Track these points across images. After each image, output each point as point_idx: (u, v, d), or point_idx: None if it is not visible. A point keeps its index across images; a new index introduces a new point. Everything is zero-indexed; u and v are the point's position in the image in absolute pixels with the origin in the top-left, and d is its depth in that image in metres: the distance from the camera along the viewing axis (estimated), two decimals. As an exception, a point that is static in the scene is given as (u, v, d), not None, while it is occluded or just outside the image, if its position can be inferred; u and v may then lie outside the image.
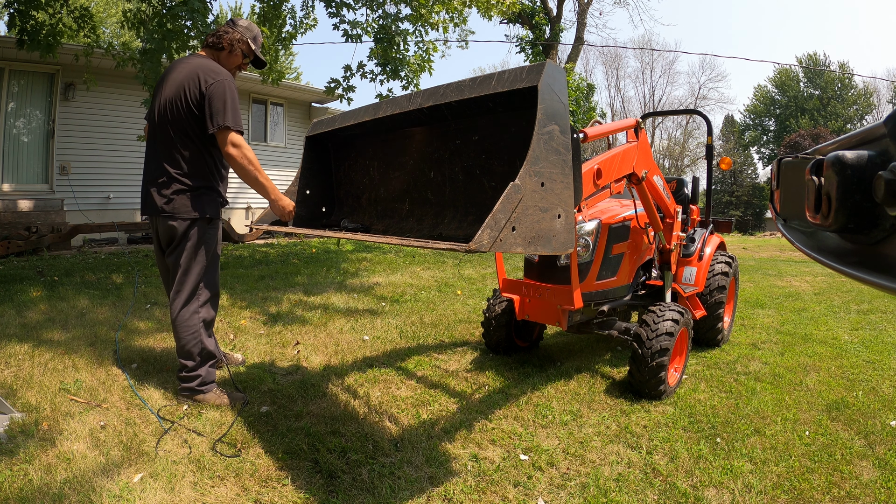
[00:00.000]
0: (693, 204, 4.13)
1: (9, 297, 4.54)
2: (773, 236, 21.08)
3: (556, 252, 1.53)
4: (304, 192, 2.57)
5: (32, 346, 3.32)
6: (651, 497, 2.03)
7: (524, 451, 2.35)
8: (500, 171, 1.91)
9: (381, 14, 6.84)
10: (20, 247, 6.99)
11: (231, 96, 2.52)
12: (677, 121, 36.75)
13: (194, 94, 2.52)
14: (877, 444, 2.49)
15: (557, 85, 1.50)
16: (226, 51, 2.74)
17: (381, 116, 2.08)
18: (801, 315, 5.36)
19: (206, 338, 2.68)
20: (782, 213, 1.00)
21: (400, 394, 2.96)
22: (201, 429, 2.41)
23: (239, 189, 11.76)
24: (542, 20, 17.43)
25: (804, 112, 36.30)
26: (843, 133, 2.31)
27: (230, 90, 2.54)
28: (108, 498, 1.86)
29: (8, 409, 2.33)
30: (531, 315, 3.32)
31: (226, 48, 2.74)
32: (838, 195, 0.60)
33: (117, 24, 21.66)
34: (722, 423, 2.69)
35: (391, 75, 6.80)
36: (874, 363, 3.74)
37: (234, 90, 2.56)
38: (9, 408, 2.34)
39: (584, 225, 3.10)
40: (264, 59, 2.90)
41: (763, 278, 7.93)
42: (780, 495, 2.06)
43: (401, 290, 5.99)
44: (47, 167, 9.03)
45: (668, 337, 2.87)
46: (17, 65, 8.52)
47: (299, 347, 3.72)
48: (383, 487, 2.00)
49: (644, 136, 2.96)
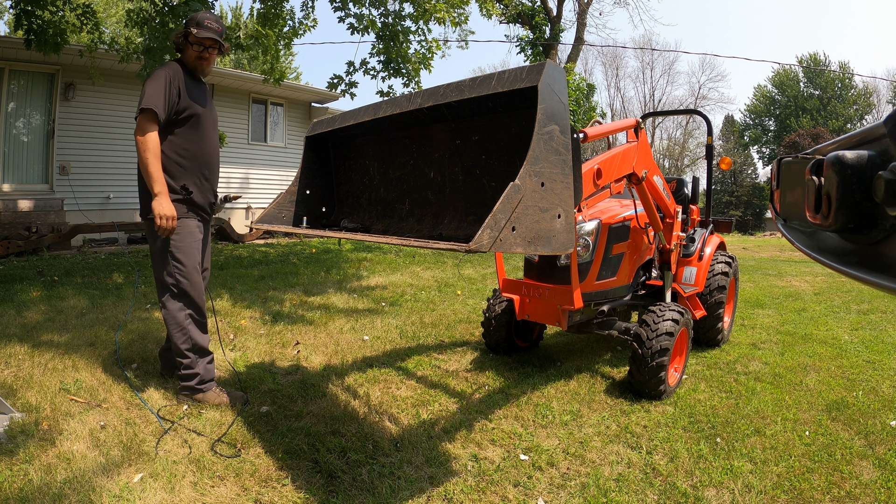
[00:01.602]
0: (693, 204, 4.13)
1: (9, 297, 4.54)
2: (773, 236, 21.08)
3: (556, 252, 1.53)
4: (304, 192, 2.57)
5: (32, 346, 3.32)
6: (651, 497, 2.03)
7: (524, 451, 2.35)
8: (500, 171, 1.91)
9: (384, 12, 6.85)
10: (20, 247, 6.99)
11: (149, 81, 2.54)
12: (677, 121, 36.76)
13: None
14: (877, 444, 2.49)
15: (557, 85, 1.50)
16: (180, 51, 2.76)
17: (381, 116, 2.08)
18: (801, 315, 5.36)
19: (195, 332, 2.68)
20: (782, 213, 1.00)
21: (400, 394, 2.96)
22: (201, 429, 2.41)
23: (239, 189, 11.77)
24: (542, 20, 17.42)
25: (804, 112, 36.30)
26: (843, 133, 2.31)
27: (152, 77, 2.55)
28: (108, 498, 1.86)
29: (8, 409, 2.33)
30: (531, 315, 3.32)
31: (178, 48, 2.76)
32: (838, 195, 0.60)
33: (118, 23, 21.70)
34: (722, 423, 2.68)
35: (393, 73, 6.83)
36: (874, 363, 3.74)
37: (160, 77, 2.54)
38: (9, 408, 2.34)
39: (584, 225, 3.10)
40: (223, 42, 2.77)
41: (763, 278, 7.93)
42: (780, 495, 2.06)
43: (401, 290, 5.99)
44: (47, 167, 9.03)
45: (668, 337, 2.87)
46: (17, 65, 8.52)
47: (299, 347, 3.72)
48: (383, 487, 2.00)
49: (644, 136, 2.96)
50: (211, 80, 10.82)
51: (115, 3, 22.71)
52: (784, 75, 38.11)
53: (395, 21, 6.79)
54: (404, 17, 6.92)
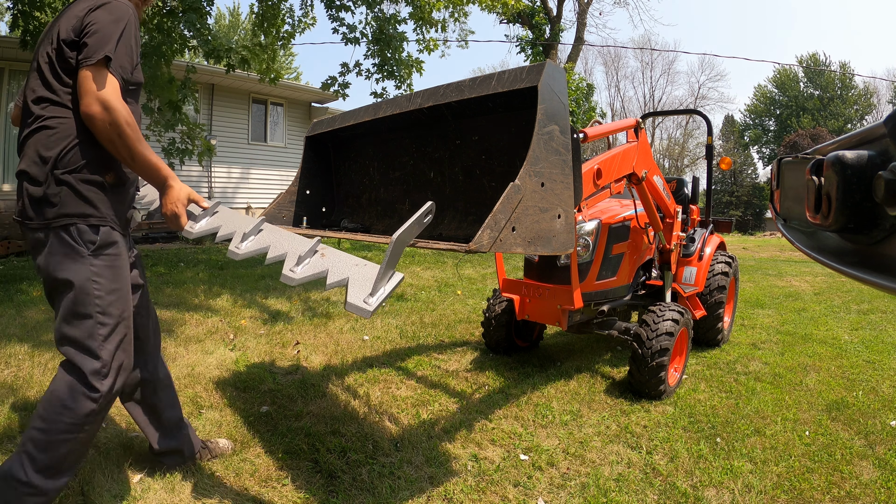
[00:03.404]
0: (693, 204, 4.13)
1: (9, 297, 4.54)
2: (773, 236, 21.08)
3: (556, 252, 1.53)
4: (304, 192, 2.57)
5: (32, 346, 3.32)
6: (651, 497, 2.03)
7: (524, 451, 2.35)
8: (500, 171, 1.92)
9: (379, 15, 6.89)
10: (20, 247, 6.99)
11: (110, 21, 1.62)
12: (677, 121, 36.74)
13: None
14: (877, 444, 2.49)
15: (557, 85, 1.50)
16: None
17: (381, 116, 2.08)
18: (801, 315, 5.36)
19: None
20: (782, 213, 1.00)
21: (400, 394, 2.96)
22: (201, 429, 2.40)
23: (239, 188, 11.77)
24: (542, 20, 17.41)
25: (804, 112, 36.30)
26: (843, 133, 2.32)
27: (113, 15, 1.63)
28: (108, 498, 1.86)
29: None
30: (531, 315, 3.32)
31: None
32: (838, 195, 0.60)
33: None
34: (722, 423, 2.68)
35: (386, 75, 6.89)
36: (874, 363, 3.74)
37: (125, 19, 1.64)
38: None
39: (584, 225, 3.10)
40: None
41: (763, 278, 7.92)
42: (780, 495, 2.06)
43: (401, 290, 5.99)
44: (47, 167, 9.03)
45: (668, 337, 2.87)
46: (17, 65, 8.53)
47: (299, 347, 3.72)
48: (383, 487, 2.00)
49: (644, 136, 2.96)
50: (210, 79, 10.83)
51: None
52: (784, 75, 38.12)
53: (390, 24, 6.84)
54: (400, 21, 6.97)
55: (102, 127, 1.54)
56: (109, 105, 1.52)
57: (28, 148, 1.60)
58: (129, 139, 1.56)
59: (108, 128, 1.53)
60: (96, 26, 1.57)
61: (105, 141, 1.57)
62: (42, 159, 1.57)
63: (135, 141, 1.58)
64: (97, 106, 1.52)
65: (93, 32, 1.56)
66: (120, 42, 1.59)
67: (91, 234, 1.60)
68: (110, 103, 1.53)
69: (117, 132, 1.54)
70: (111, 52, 1.55)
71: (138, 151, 1.59)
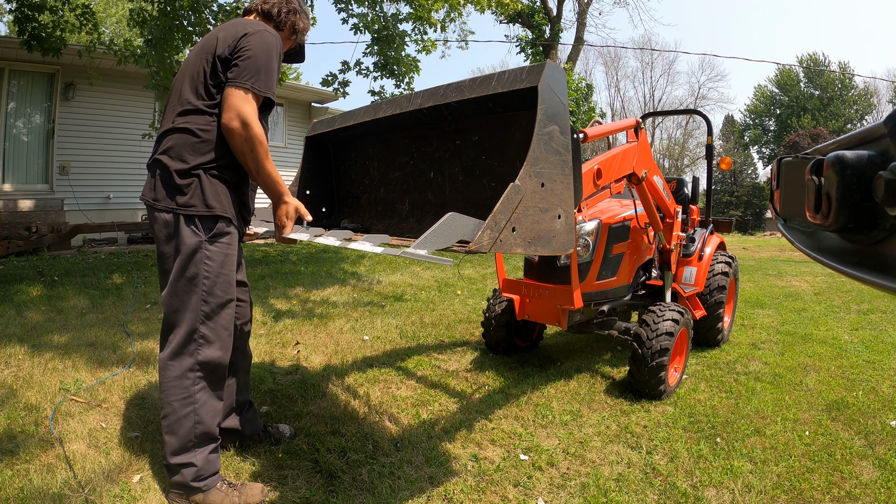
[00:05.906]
0: (693, 204, 4.13)
1: (9, 297, 4.54)
2: (773, 236, 21.07)
3: (556, 252, 1.53)
4: (304, 192, 2.57)
5: (32, 346, 3.32)
6: (651, 497, 2.03)
7: (524, 451, 2.35)
8: (500, 171, 1.91)
9: (381, 13, 6.88)
10: (20, 247, 6.99)
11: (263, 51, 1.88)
12: (677, 121, 36.75)
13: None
14: (877, 444, 2.49)
15: (557, 85, 1.50)
16: (279, 27, 2.14)
17: (381, 117, 2.08)
18: (801, 315, 5.36)
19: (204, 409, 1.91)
20: (782, 213, 1.00)
21: (400, 394, 2.96)
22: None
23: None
24: (541, 20, 17.41)
25: (805, 112, 36.30)
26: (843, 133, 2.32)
27: (265, 46, 1.90)
28: (108, 498, 1.86)
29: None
30: (531, 315, 3.32)
31: (277, 25, 2.13)
32: (838, 195, 0.60)
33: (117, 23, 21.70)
34: (722, 423, 2.69)
35: (386, 73, 6.88)
36: (874, 363, 3.74)
37: (274, 49, 1.90)
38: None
39: (584, 225, 3.10)
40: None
41: (763, 278, 7.92)
42: (780, 495, 2.06)
43: (401, 289, 5.99)
44: (47, 167, 9.03)
45: (668, 337, 2.87)
46: (17, 65, 8.52)
47: (299, 347, 3.72)
48: (383, 487, 2.00)
49: (644, 136, 2.96)
50: (211, 80, 10.81)
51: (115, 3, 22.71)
52: (784, 75, 38.12)
53: (392, 24, 6.82)
54: (401, 20, 6.96)
55: (239, 140, 1.78)
56: (248, 122, 1.76)
57: (169, 142, 1.86)
58: (259, 155, 1.81)
59: (243, 142, 1.78)
60: (250, 52, 1.82)
61: (238, 152, 1.82)
62: (182, 158, 1.83)
63: (263, 157, 1.82)
64: (237, 122, 1.76)
65: (245, 57, 1.81)
66: (265, 69, 1.84)
67: (210, 224, 1.85)
68: (249, 121, 1.76)
69: (251, 147, 1.79)
70: (257, 78, 1.81)
71: (264, 166, 1.83)
